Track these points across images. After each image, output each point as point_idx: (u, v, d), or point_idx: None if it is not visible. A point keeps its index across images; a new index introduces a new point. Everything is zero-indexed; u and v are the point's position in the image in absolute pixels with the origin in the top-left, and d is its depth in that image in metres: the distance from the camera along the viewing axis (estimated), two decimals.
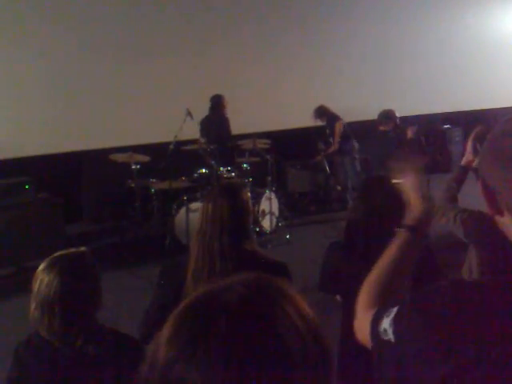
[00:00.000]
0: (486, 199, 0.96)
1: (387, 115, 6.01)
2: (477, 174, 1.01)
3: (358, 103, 7.32)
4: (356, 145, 7.28)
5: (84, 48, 6.91)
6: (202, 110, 6.85)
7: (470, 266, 2.33)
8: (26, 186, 5.96)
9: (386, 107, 6.27)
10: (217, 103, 7.00)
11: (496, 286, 0.93)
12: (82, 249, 1.86)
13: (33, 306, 1.71)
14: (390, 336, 0.97)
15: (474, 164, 2.39)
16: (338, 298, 2.47)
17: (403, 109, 6.99)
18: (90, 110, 7.03)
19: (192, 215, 5.75)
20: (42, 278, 1.71)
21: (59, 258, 1.76)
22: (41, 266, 1.74)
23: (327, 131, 7.55)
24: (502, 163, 0.90)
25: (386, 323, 0.99)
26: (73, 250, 1.84)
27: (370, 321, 1.07)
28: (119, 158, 6.19)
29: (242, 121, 7.70)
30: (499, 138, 0.94)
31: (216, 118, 7.01)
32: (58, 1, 6.76)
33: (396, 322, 0.98)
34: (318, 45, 8.64)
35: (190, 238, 5.67)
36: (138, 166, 6.17)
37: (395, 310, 1.00)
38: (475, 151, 2.41)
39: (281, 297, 0.78)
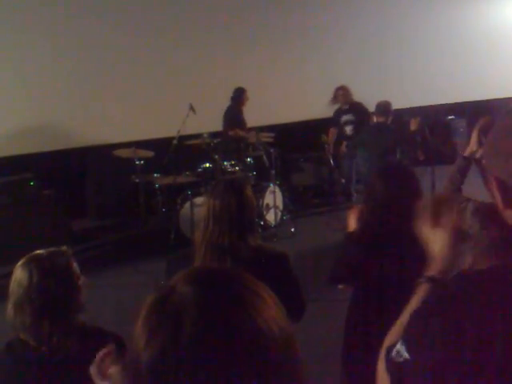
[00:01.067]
0: (496, 193, 0.94)
1: (385, 107, 5.96)
2: (480, 165, 0.99)
3: (358, 95, 7.27)
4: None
5: (87, 45, 6.90)
6: (205, 105, 6.83)
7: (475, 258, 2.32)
8: (31, 183, 5.98)
9: (387, 99, 6.25)
10: (236, 96, 7.21)
11: (494, 276, 0.92)
12: (63, 248, 1.85)
13: (9, 305, 1.71)
14: (405, 354, 0.96)
15: (478, 155, 2.38)
16: (340, 286, 2.47)
17: (406, 100, 6.97)
18: (93, 106, 7.03)
19: (196, 209, 5.75)
20: (15, 277, 1.71)
21: (33, 258, 1.75)
22: (18, 264, 1.74)
23: (352, 118, 7.20)
24: None
25: (398, 345, 0.98)
26: (51, 249, 1.83)
27: (384, 356, 1.05)
28: (123, 153, 6.20)
29: (246, 114, 7.69)
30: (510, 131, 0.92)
31: (232, 109, 7.20)
32: None
33: (406, 337, 0.97)
34: (320, 38, 8.61)
35: (194, 232, 5.67)
36: (142, 162, 6.18)
37: (403, 332, 1.00)
38: (480, 142, 2.40)
39: (248, 295, 0.78)
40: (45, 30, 6.64)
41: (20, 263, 1.74)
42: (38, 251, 1.79)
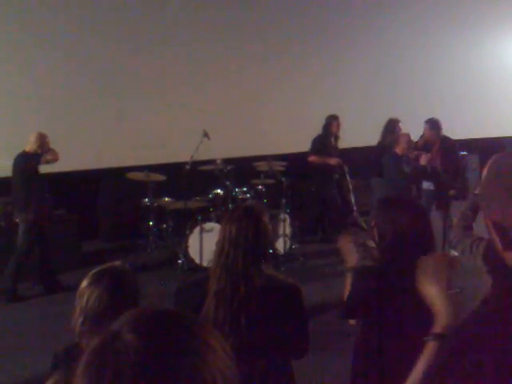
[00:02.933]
0: (494, 235, 0.95)
1: (398, 138, 5.97)
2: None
3: (372, 129, 7.31)
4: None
5: (103, 68, 7.05)
6: (219, 131, 6.91)
7: (486, 296, 2.30)
8: None
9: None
10: (325, 123, 7.22)
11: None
12: (117, 263, 1.90)
13: (80, 320, 1.73)
14: None
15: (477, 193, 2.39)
16: (352, 322, 2.45)
17: (419, 135, 6.97)
18: (107, 128, 7.13)
19: (206, 235, 5.76)
20: (90, 293, 1.74)
21: (104, 273, 1.79)
22: (85, 282, 1.78)
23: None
24: None
25: None
26: (110, 264, 1.87)
27: None
28: (136, 176, 6.26)
29: (259, 142, 7.75)
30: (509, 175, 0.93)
31: (318, 136, 7.22)
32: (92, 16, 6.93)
33: None
34: (337, 71, 8.72)
35: (203, 257, 5.68)
36: (154, 185, 6.24)
37: None
38: None
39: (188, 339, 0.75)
40: (63, 49, 6.79)
41: (90, 280, 1.77)
42: (102, 267, 1.83)
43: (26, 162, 5.28)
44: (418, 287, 1.25)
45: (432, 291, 1.21)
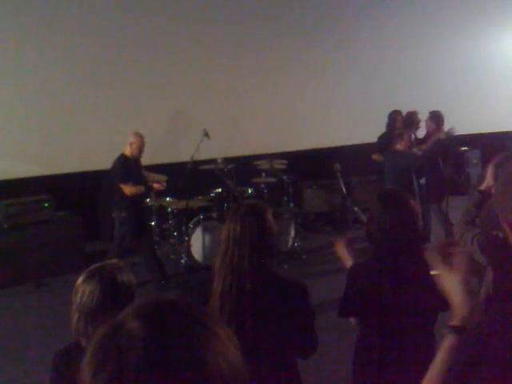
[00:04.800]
0: (511, 237, 0.94)
1: (402, 134, 5.99)
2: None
3: (373, 126, 7.30)
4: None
5: (104, 72, 7.04)
6: (220, 130, 6.91)
7: (488, 288, 2.31)
8: (45, 205, 6.05)
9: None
10: (388, 121, 6.90)
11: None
12: (115, 261, 1.91)
13: (75, 317, 1.75)
14: None
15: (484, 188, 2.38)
16: (353, 320, 2.45)
17: (420, 130, 6.98)
18: (109, 129, 7.13)
19: (208, 234, 5.77)
20: (84, 289, 1.75)
21: (97, 270, 1.81)
22: (79, 279, 1.79)
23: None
24: None
25: None
26: (108, 262, 1.89)
27: None
28: None
29: (259, 141, 7.74)
30: None
31: (383, 135, 6.89)
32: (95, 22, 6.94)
33: None
34: (333, 69, 8.71)
35: (206, 257, 5.69)
36: None
37: None
38: (495, 177, 2.42)
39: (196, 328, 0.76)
40: (64, 48, 6.79)
41: (83, 277, 1.79)
42: (98, 264, 1.85)
43: (120, 168, 5.44)
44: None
45: (449, 282, 1.19)
